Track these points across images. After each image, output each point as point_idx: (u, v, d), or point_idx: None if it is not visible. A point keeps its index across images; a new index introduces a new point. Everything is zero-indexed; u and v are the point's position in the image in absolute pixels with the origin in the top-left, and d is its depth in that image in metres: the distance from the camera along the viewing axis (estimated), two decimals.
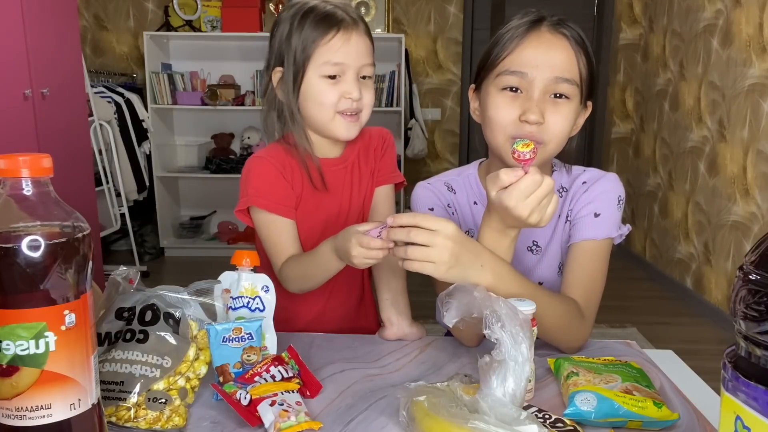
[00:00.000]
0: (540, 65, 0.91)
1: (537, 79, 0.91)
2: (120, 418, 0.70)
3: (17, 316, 0.54)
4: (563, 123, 0.92)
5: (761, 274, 0.46)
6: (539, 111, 0.90)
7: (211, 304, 0.80)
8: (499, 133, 0.94)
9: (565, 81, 0.91)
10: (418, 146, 4.21)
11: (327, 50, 1.00)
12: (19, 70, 2.38)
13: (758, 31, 2.82)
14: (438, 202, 1.08)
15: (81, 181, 2.94)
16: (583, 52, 0.94)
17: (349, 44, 1.01)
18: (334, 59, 1.00)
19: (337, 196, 1.11)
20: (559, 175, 1.06)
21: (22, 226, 0.55)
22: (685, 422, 0.74)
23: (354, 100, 1.02)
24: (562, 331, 0.92)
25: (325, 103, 1.02)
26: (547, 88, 0.91)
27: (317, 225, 1.10)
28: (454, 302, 0.74)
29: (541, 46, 0.92)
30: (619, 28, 4.35)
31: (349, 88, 1.01)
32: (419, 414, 0.67)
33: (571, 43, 0.93)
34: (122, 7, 4.40)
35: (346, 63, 1.01)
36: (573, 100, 0.93)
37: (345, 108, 1.02)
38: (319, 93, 1.02)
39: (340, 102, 1.01)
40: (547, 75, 0.90)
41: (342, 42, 1.00)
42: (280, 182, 1.05)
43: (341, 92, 1.01)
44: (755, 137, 2.83)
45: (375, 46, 1.08)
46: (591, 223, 0.99)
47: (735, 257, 2.99)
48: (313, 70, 1.01)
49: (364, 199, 1.14)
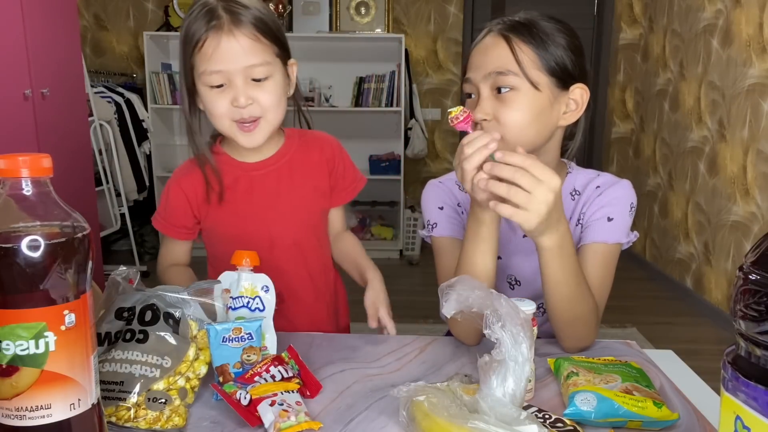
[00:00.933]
0: (477, 67, 0.95)
1: (476, 80, 0.94)
2: (120, 418, 0.70)
3: (17, 316, 0.54)
4: (514, 114, 0.92)
5: (761, 274, 0.46)
6: (482, 109, 0.92)
7: (211, 304, 0.80)
8: None
9: (498, 74, 0.92)
10: (418, 146, 4.21)
11: (201, 59, 0.95)
12: (19, 70, 2.38)
13: (758, 31, 2.82)
14: (448, 200, 1.08)
15: (81, 181, 2.94)
16: (531, 46, 0.92)
17: (221, 48, 0.94)
18: (210, 67, 0.95)
19: (260, 202, 1.09)
20: (573, 177, 1.06)
21: (22, 226, 0.55)
22: (685, 422, 0.74)
23: (240, 108, 0.96)
24: (583, 324, 0.93)
25: (216, 113, 0.99)
26: (491, 85, 0.93)
27: (242, 240, 1.06)
28: (453, 294, 0.73)
29: (479, 51, 0.96)
30: (619, 28, 4.35)
31: (235, 94, 0.96)
32: (419, 414, 0.67)
33: (511, 41, 0.92)
34: (122, 7, 4.40)
35: (223, 69, 0.94)
36: (520, 89, 0.92)
37: (237, 118, 0.98)
38: (209, 104, 0.99)
39: (232, 111, 0.98)
40: (481, 74, 0.93)
41: (212, 48, 0.94)
42: (181, 206, 1.10)
43: (229, 99, 0.97)
44: (755, 137, 2.83)
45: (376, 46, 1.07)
46: (604, 226, 0.99)
47: (735, 257, 2.99)
48: (200, 83, 0.98)
49: (292, 207, 1.11)
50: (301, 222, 1.13)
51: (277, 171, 1.10)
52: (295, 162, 1.12)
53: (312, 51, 4.25)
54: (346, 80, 4.23)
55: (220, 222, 1.10)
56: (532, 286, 1.07)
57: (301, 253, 1.13)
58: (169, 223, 1.12)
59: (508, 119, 0.92)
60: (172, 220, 1.12)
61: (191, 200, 1.09)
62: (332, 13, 4.34)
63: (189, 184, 1.09)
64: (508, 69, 0.92)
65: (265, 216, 1.10)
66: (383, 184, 4.19)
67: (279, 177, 1.10)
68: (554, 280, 0.88)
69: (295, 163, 1.12)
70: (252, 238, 1.07)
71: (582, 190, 1.05)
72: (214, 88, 0.97)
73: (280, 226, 1.11)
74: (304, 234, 1.14)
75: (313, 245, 1.16)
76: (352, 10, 4.36)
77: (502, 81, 0.92)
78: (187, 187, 1.09)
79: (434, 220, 1.07)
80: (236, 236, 1.09)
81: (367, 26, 4.37)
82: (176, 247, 1.15)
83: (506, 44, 0.93)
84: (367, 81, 4.16)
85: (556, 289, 0.89)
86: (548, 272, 0.88)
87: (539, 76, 0.93)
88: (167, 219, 1.12)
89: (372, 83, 4.15)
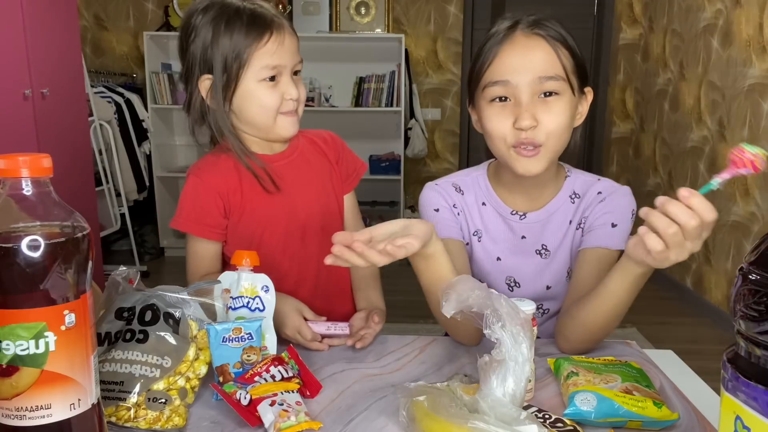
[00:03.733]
0: (520, 70, 0.91)
1: (520, 84, 0.91)
2: (120, 418, 0.70)
3: (17, 316, 0.54)
4: (557, 120, 0.92)
5: (761, 273, 0.46)
6: (530, 115, 0.90)
7: (211, 304, 0.80)
8: (500, 144, 0.95)
9: (549, 79, 0.91)
10: (418, 146, 4.21)
11: (263, 55, 1.00)
12: (19, 70, 2.38)
13: (758, 31, 2.82)
14: (444, 203, 1.07)
15: (81, 181, 2.94)
16: (563, 46, 0.93)
17: (284, 45, 1.02)
18: (272, 62, 1.01)
19: (288, 194, 1.09)
20: (572, 180, 1.06)
21: (22, 226, 0.55)
22: (685, 422, 0.74)
23: (294, 100, 1.04)
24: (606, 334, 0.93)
25: (267, 106, 1.03)
26: (534, 89, 0.91)
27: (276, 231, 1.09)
28: (454, 294, 0.73)
29: (518, 52, 0.92)
30: (619, 28, 4.35)
31: (288, 89, 1.03)
32: (419, 414, 0.67)
33: (548, 41, 0.93)
34: (122, 7, 4.40)
35: (282, 64, 1.02)
36: (564, 95, 0.93)
37: (287, 109, 1.04)
38: (260, 97, 1.02)
39: (283, 104, 1.03)
40: (528, 78, 0.91)
41: (277, 44, 1.01)
42: (211, 203, 1.06)
43: (281, 93, 1.03)
44: (755, 137, 2.82)
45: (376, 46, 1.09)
46: (609, 232, 0.99)
47: (735, 257, 2.99)
48: (250, 76, 1.01)
49: (317, 194, 1.13)
50: (326, 208, 1.14)
51: (295, 161, 1.12)
52: (307, 153, 1.14)
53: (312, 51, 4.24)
54: (346, 80, 4.23)
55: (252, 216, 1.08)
56: (532, 287, 1.07)
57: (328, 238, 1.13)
58: (201, 223, 1.06)
59: (552, 125, 0.91)
60: (204, 219, 1.06)
61: (222, 195, 1.07)
62: (332, 13, 4.33)
63: (219, 179, 1.07)
64: (556, 73, 0.91)
65: (295, 204, 1.10)
66: (383, 184, 4.19)
67: (298, 167, 1.12)
68: (618, 299, 0.86)
69: (308, 155, 1.14)
70: (286, 229, 1.10)
71: (582, 193, 1.04)
72: (267, 82, 1.02)
73: (309, 214, 1.12)
74: (330, 220, 1.14)
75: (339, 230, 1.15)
76: (352, 10, 4.36)
77: (550, 86, 0.91)
78: (217, 183, 1.06)
79: (431, 222, 1.07)
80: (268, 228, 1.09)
81: (367, 26, 4.37)
82: (209, 252, 1.09)
83: (548, 46, 0.92)
84: (367, 81, 4.16)
85: (612, 306, 0.87)
86: (616, 290, 0.85)
87: (574, 80, 0.94)
88: (198, 219, 1.06)
89: (372, 83, 4.15)
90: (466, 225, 1.07)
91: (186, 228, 1.07)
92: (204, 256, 1.09)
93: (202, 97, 1.04)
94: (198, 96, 1.05)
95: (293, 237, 1.11)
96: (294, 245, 1.11)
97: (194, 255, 1.09)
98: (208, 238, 1.08)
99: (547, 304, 1.09)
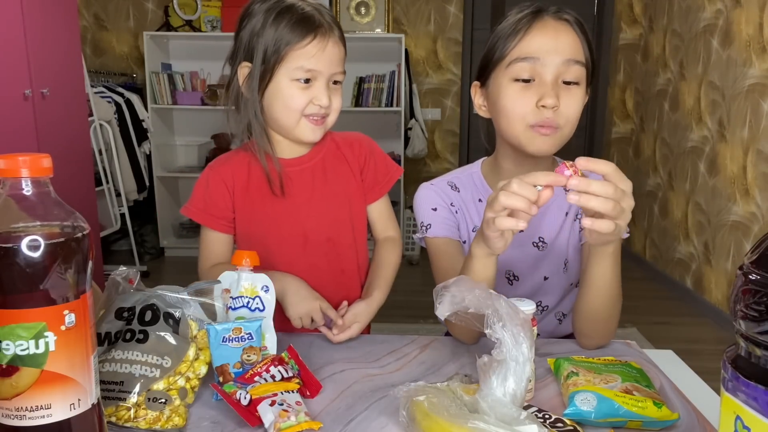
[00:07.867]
0: (550, 50, 0.92)
1: (549, 65, 0.92)
2: (120, 418, 0.70)
3: (17, 316, 0.54)
4: (575, 107, 0.94)
5: (761, 274, 0.46)
6: (555, 94, 0.91)
7: (211, 304, 0.80)
8: (518, 123, 0.95)
9: (576, 63, 0.93)
10: (418, 146, 4.20)
11: (301, 55, 0.99)
12: (19, 70, 2.38)
13: (758, 31, 2.82)
14: (441, 201, 1.07)
15: (81, 181, 2.94)
16: (584, 38, 0.96)
17: (324, 52, 1.00)
18: (308, 65, 0.99)
19: (293, 200, 1.09)
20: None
21: (22, 226, 0.55)
22: (685, 422, 0.74)
23: (322, 107, 1.02)
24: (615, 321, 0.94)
25: (292, 107, 1.01)
26: (559, 72, 0.92)
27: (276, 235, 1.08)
28: (448, 295, 0.73)
29: (548, 33, 0.93)
30: (619, 28, 4.35)
31: (319, 95, 1.01)
32: (419, 414, 0.67)
33: (574, 28, 0.95)
34: (122, 7, 4.40)
35: (318, 70, 1.00)
36: (581, 85, 0.95)
37: (312, 113, 1.02)
38: (288, 96, 1.01)
39: (308, 107, 1.01)
40: (558, 59, 0.92)
41: (317, 49, 0.99)
42: (219, 195, 1.08)
43: (311, 97, 1.01)
44: (755, 137, 2.83)
45: (376, 46, 1.08)
46: None
47: (735, 257, 2.99)
48: (284, 73, 1.00)
49: (327, 203, 1.11)
50: (335, 219, 1.12)
51: (312, 168, 1.10)
52: (328, 160, 1.12)
53: None
54: (346, 80, 4.21)
55: (253, 216, 1.09)
56: (530, 280, 1.07)
57: (335, 249, 1.12)
58: (208, 213, 1.09)
59: (571, 110, 0.93)
60: (212, 210, 1.09)
61: (230, 188, 1.08)
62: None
63: (229, 172, 1.08)
64: (581, 59, 0.93)
65: (299, 212, 1.10)
66: None
67: (313, 174, 1.10)
68: (604, 281, 0.88)
69: (328, 162, 1.12)
70: (286, 234, 1.09)
71: None
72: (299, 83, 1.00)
73: (313, 222, 1.10)
74: (338, 231, 1.12)
75: (349, 243, 1.13)
76: (352, 10, 4.36)
77: (575, 72, 0.93)
78: (226, 176, 1.08)
79: (428, 221, 1.07)
80: (269, 231, 1.09)
81: (367, 26, 4.37)
82: (218, 243, 1.10)
83: (575, 33, 0.94)
84: (367, 81, 4.16)
85: (604, 290, 0.89)
86: (600, 274, 0.87)
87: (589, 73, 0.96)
88: (207, 210, 1.09)
89: (372, 83, 4.15)
90: (464, 222, 1.08)
91: (193, 215, 1.10)
92: (214, 246, 1.11)
93: (239, 84, 1.04)
94: (236, 82, 1.05)
95: (293, 244, 1.09)
96: (293, 252, 1.09)
97: (205, 243, 1.12)
98: (212, 228, 1.10)
99: (545, 300, 1.09)
